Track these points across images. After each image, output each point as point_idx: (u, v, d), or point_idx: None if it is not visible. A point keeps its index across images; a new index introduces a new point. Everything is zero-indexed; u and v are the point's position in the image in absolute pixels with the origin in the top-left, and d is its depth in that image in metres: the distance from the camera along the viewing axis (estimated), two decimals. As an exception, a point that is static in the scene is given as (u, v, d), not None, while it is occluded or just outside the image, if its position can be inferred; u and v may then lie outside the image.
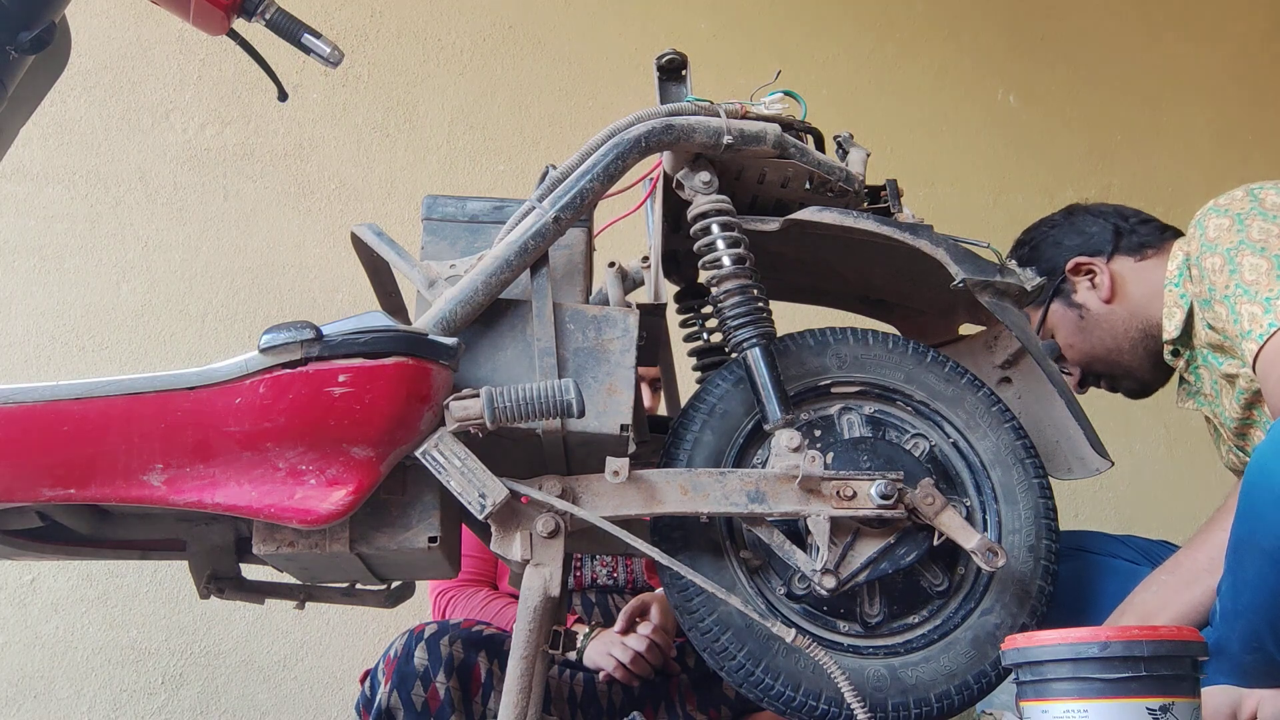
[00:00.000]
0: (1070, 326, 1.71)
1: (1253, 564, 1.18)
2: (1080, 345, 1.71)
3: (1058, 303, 1.73)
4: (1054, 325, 1.74)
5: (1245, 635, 1.22)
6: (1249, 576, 1.19)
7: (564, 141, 2.96)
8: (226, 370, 1.19)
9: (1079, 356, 1.72)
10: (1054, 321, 1.73)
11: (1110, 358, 1.69)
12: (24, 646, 2.49)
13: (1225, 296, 1.40)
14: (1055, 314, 1.73)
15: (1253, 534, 1.18)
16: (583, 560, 2.06)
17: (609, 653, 1.85)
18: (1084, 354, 1.71)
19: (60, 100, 2.72)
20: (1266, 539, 1.15)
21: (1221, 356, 1.50)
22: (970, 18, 3.35)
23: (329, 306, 2.71)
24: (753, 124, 1.39)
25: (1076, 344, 1.72)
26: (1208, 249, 1.44)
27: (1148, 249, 1.67)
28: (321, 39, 1.49)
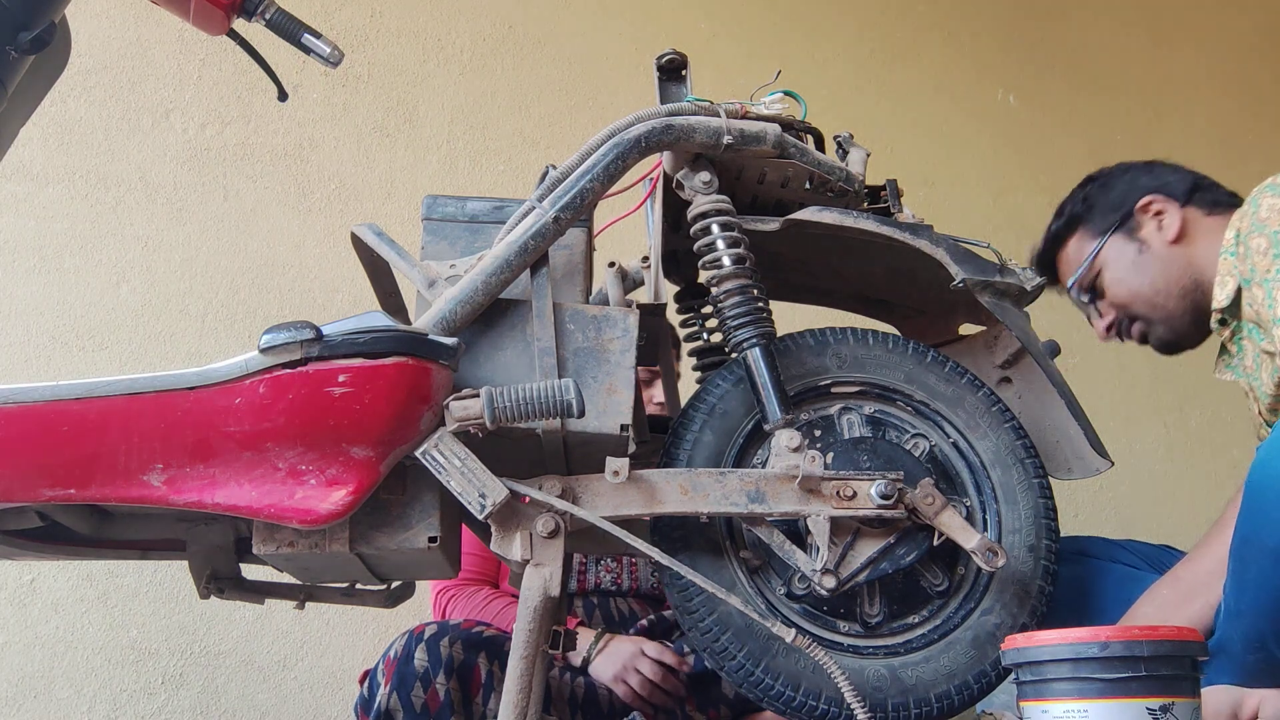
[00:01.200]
0: (1125, 261, 1.71)
1: (1256, 563, 1.18)
2: (1130, 282, 1.70)
3: (1119, 236, 1.73)
4: (1106, 260, 1.73)
5: (1247, 635, 1.21)
6: (1252, 576, 1.19)
7: (564, 141, 2.96)
8: (226, 370, 1.19)
9: (1124, 295, 1.71)
10: (1108, 256, 1.73)
11: (1156, 300, 1.69)
12: (24, 646, 2.49)
13: (1265, 280, 1.41)
14: (1113, 247, 1.72)
15: (1257, 533, 1.18)
16: (586, 565, 2.06)
17: (623, 679, 1.85)
18: (1130, 292, 1.71)
19: (60, 100, 2.72)
20: (1271, 538, 1.15)
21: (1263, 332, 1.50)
22: (970, 18, 3.35)
23: (329, 306, 2.71)
24: (753, 124, 1.39)
25: (1126, 280, 1.71)
26: (1256, 229, 1.44)
27: (1219, 207, 1.68)
28: (321, 39, 1.49)
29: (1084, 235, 1.78)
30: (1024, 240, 3.12)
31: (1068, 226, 1.81)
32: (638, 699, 1.86)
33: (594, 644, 1.92)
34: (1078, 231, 1.79)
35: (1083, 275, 1.76)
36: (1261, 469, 1.19)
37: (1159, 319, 1.70)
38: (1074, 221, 1.80)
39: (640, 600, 2.08)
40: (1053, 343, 1.64)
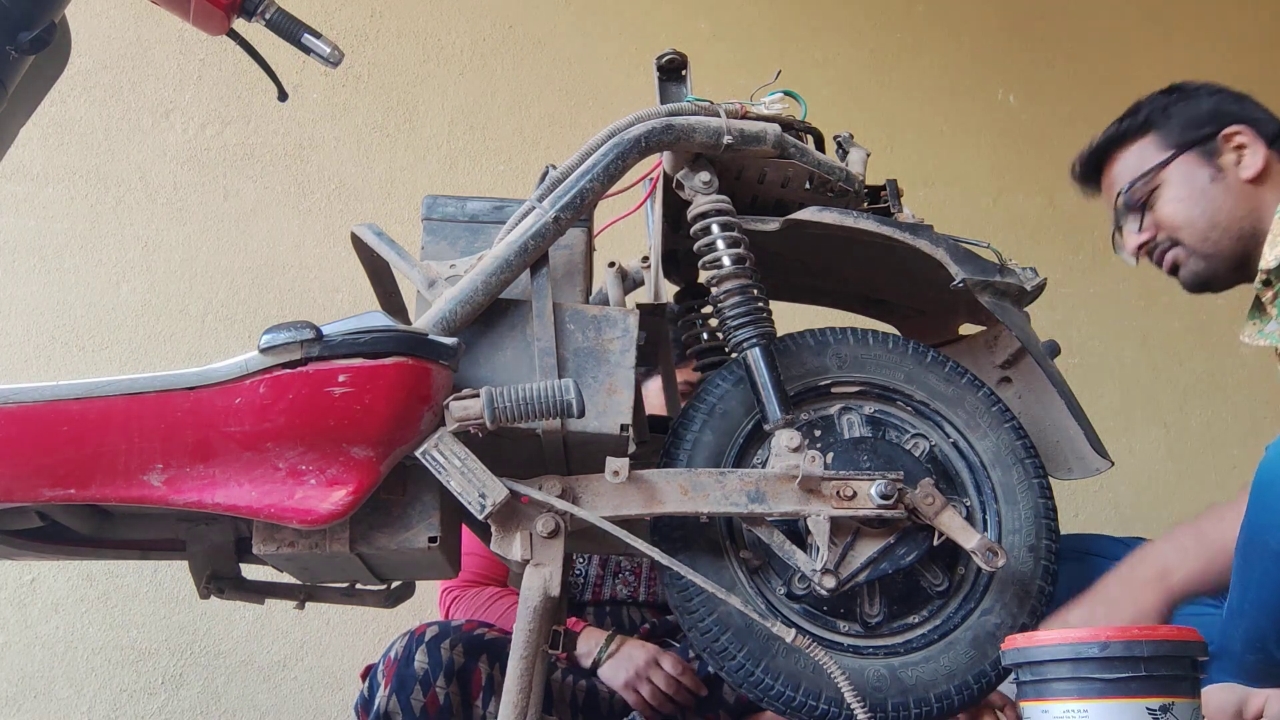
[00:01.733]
0: (1193, 184, 1.61)
1: (1260, 564, 1.17)
2: (1189, 207, 1.60)
3: (1193, 155, 1.62)
4: (1170, 177, 1.63)
5: (1248, 635, 1.21)
6: (1255, 576, 1.18)
7: (564, 141, 2.95)
8: (226, 370, 1.19)
9: (1178, 218, 1.61)
10: (1175, 173, 1.63)
11: (1210, 235, 1.60)
12: (24, 646, 2.49)
13: None
14: (1183, 165, 1.62)
15: (1261, 534, 1.16)
16: (602, 578, 2.05)
17: (634, 687, 1.85)
18: (1186, 218, 1.61)
19: (60, 100, 2.71)
20: (1275, 539, 1.14)
21: None
22: (970, 17, 3.34)
23: (329, 306, 2.71)
24: (753, 124, 1.39)
25: (1186, 204, 1.61)
26: None
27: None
28: (321, 39, 1.49)
29: (1154, 143, 1.66)
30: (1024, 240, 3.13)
31: (1138, 129, 1.68)
32: (646, 707, 1.85)
33: (605, 646, 1.91)
34: (1147, 137, 1.68)
35: (1141, 185, 1.65)
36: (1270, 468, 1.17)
37: (1203, 254, 1.61)
38: (1147, 126, 1.68)
39: (656, 611, 2.08)
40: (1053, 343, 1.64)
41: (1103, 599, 1.35)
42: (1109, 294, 3.20)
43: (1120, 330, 3.21)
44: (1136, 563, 1.40)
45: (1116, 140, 1.70)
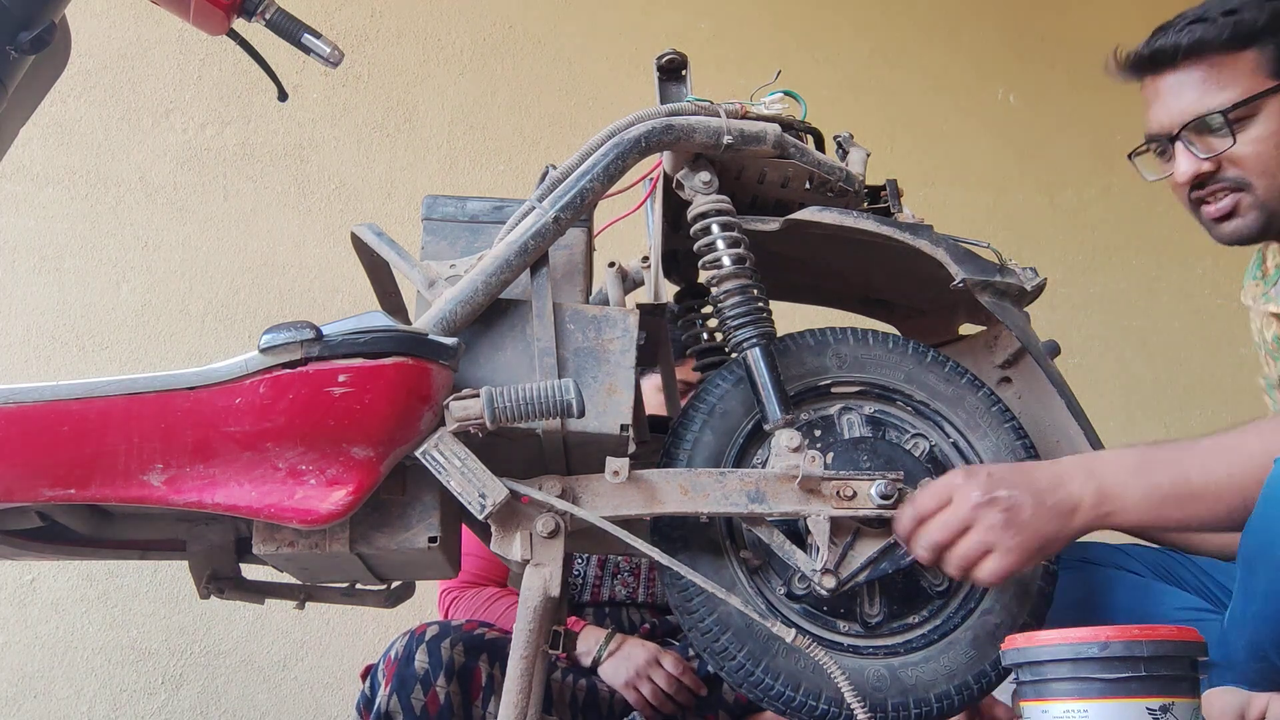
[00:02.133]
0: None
1: (1265, 574, 1.15)
2: (1277, 151, 1.41)
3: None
4: (1267, 108, 1.40)
5: (1249, 643, 1.20)
6: (1260, 587, 1.16)
7: (564, 141, 2.96)
8: (226, 370, 1.19)
9: (1260, 160, 1.41)
10: (1273, 107, 1.41)
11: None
12: (24, 646, 2.49)
13: None
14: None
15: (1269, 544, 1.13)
16: (601, 579, 2.05)
17: (635, 686, 1.85)
18: (1267, 164, 1.41)
19: (60, 100, 2.72)
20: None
21: None
22: (970, 17, 3.35)
23: (329, 306, 2.71)
24: (753, 124, 1.39)
25: (1275, 144, 1.40)
26: None
27: None
28: (321, 39, 1.49)
29: (1255, 61, 1.41)
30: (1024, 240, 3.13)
31: (1242, 38, 1.41)
32: (646, 706, 1.85)
33: (605, 644, 1.91)
34: (1250, 50, 1.41)
35: (1235, 109, 1.41)
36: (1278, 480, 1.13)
37: (1270, 209, 1.43)
38: (1254, 36, 1.41)
39: (655, 612, 2.08)
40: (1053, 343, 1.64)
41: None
42: (1109, 294, 3.21)
43: (1120, 330, 3.21)
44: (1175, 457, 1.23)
45: (1209, 44, 1.42)
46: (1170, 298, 3.20)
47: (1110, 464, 1.21)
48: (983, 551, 1.18)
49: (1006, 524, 1.17)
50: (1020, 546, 1.18)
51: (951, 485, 1.20)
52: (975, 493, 1.17)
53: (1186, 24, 1.44)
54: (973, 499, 1.17)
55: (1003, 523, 1.17)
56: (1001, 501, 1.17)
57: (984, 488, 1.17)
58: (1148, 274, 3.21)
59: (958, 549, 1.19)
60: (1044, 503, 1.18)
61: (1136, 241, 3.18)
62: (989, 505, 1.17)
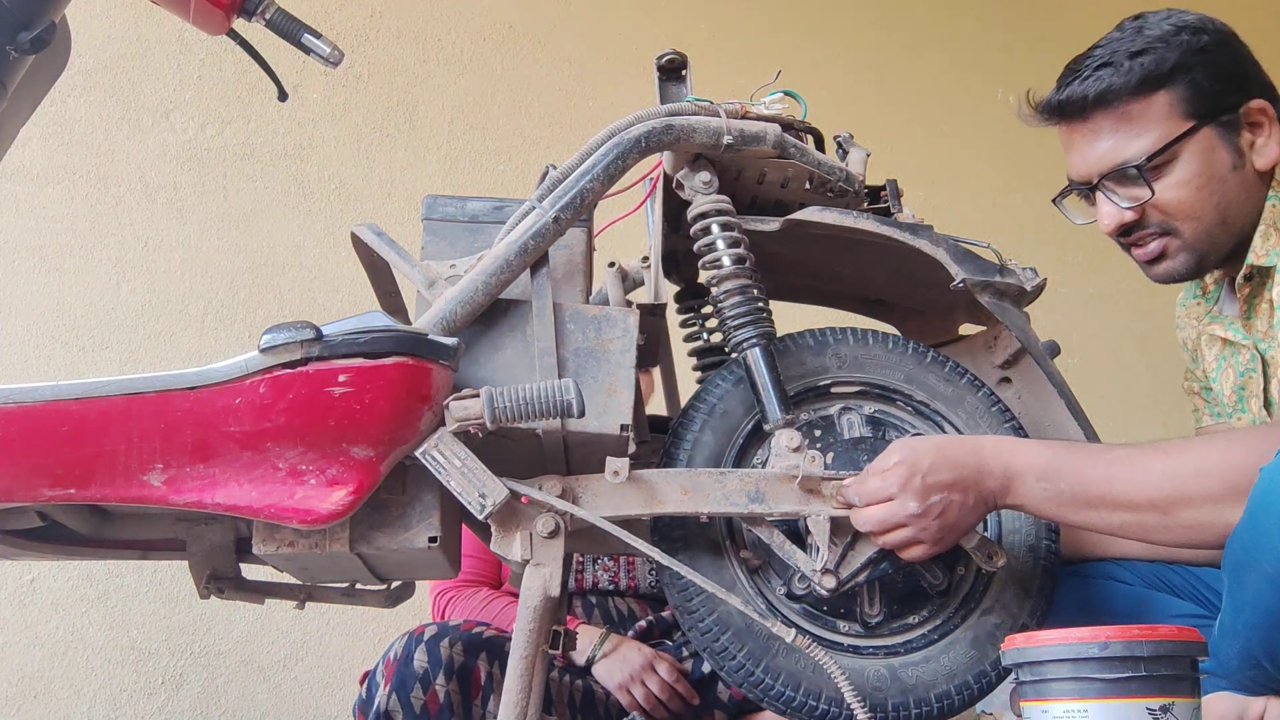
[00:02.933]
0: (1210, 168, 1.35)
1: (1253, 585, 1.15)
2: (1201, 196, 1.35)
3: (1213, 131, 1.35)
4: (1187, 153, 1.35)
5: (1241, 652, 1.20)
6: (1248, 597, 1.16)
7: (564, 141, 2.96)
8: (226, 370, 1.19)
9: (1184, 206, 1.36)
10: (1194, 149, 1.35)
11: (1213, 230, 1.37)
12: (24, 646, 2.49)
13: None
14: (1201, 144, 1.35)
15: (1254, 555, 1.13)
16: (584, 564, 2.06)
17: (628, 689, 1.85)
18: (1192, 208, 1.36)
19: (60, 100, 2.72)
20: (1269, 562, 1.11)
21: None
22: (970, 17, 3.35)
23: (329, 306, 2.72)
24: (753, 124, 1.39)
25: (1200, 190, 1.34)
26: None
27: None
28: (321, 39, 1.49)
29: (1172, 101, 1.35)
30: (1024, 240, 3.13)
31: (1151, 81, 1.35)
32: (638, 709, 1.86)
33: (599, 644, 1.91)
34: (1161, 93, 1.35)
35: (1151, 160, 1.35)
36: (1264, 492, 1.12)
37: (1199, 251, 1.39)
38: (1163, 78, 1.35)
39: (640, 600, 2.08)
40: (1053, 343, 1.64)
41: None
42: (1109, 294, 3.21)
43: (1120, 330, 3.21)
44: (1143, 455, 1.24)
45: (1117, 92, 1.36)
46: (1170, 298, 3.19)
47: (1022, 460, 1.25)
48: (911, 542, 1.25)
49: (938, 526, 1.23)
50: (944, 540, 1.25)
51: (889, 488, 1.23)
52: (912, 504, 1.22)
53: (1094, 69, 1.38)
54: (910, 509, 1.22)
55: (935, 526, 1.23)
56: (935, 509, 1.22)
57: (919, 496, 1.22)
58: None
59: (888, 538, 1.25)
60: (968, 499, 1.24)
61: (1136, 241, 3.18)
62: (923, 515, 1.22)
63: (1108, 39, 1.41)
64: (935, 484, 1.22)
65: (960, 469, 1.23)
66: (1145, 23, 1.39)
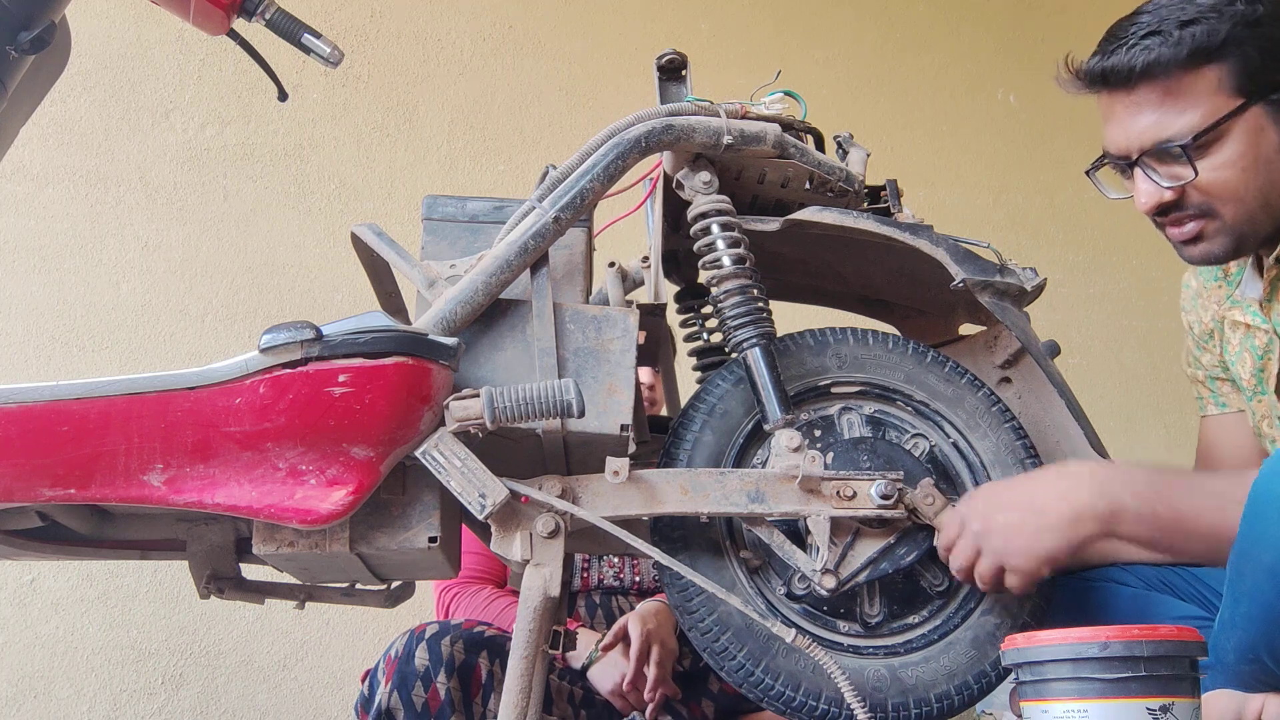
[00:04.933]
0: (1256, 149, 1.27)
1: (1252, 576, 1.15)
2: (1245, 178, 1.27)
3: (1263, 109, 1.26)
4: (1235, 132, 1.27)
5: (1240, 645, 1.20)
6: (1247, 589, 1.17)
7: (564, 141, 2.96)
8: (226, 370, 1.19)
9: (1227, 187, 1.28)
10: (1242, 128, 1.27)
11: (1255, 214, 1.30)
12: (24, 646, 2.49)
13: None
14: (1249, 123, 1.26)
15: (1254, 547, 1.14)
16: (590, 561, 2.06)
17: (621, 695, 1.85)
18: (1235, 190, 1.28)
19: (60, 100, 2.72)
20: (1267, 553, 1.11)
21: None
22: (970, 17, 3.35)
23: (329, 306, 2.72)
24: (753, 124, 1.39)
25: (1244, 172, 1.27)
26: None
27: None
28: (321, 39, 1.49)
29: (1220, 77, 1.26)
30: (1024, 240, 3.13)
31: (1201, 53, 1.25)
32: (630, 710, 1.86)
33: (595, 649, 1.91)
34: (1211, 67, 1.26)
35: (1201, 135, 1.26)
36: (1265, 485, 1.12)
37: (1238, 234, 1.32)
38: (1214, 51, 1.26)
39: (643, 598, 2.08)
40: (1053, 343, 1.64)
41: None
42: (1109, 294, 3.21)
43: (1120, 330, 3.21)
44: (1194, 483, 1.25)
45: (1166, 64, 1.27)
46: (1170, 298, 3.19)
47: (1119, 481, 1.25)
48: (998, 569, 1.27)
49: (1007, 545, 1.25)
50: (1026, 561, 1.25)
51: (960, 515, 1.28)
52: (975, 524, 1.26)
53: (1140, 37, 1.29)
54: (974, 530, 1.26)
55: (1003, 544, 1.25)
56: (999, 528, 1.25)
57: (982, 517, 1.25)
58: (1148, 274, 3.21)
59: (978, 570, 1.28)
60: (1045, 518, 1.24)
61: (1136, 241, 3.18)
62: (988, 533, 1.25)
63: (1155, 3, 1.31)
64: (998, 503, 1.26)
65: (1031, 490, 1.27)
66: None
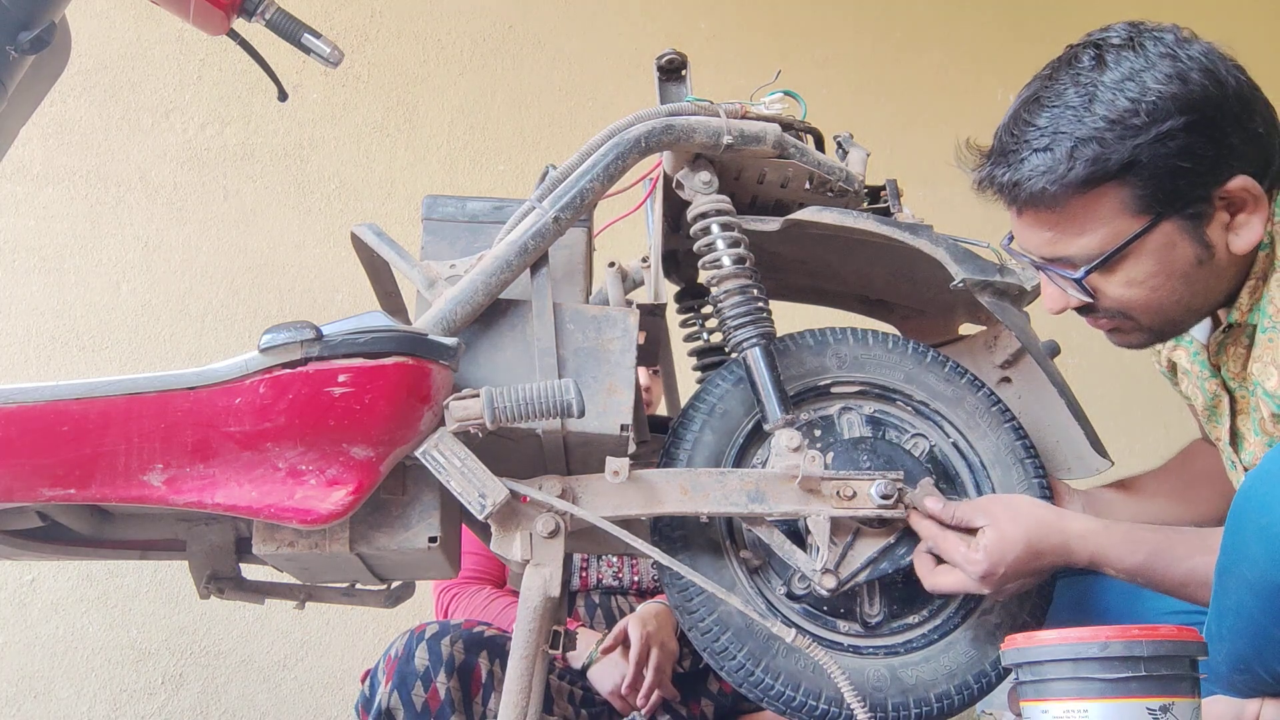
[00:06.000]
0: (1167, 267, 1.17)
1: (1235, 592, 1.15)
2: (1159, 294, 1.19)
3: (1175, 225, 1.15)
4: (1140, 251, 1.16)
5: (1231, 657, 1.20)
6: (1231, 603, 1.17)
7: (564, 141, 2.96)
8: (226, 370, 1.19)
9: (1137, 301, 1.20)
10: (1145, 248, 1.16)
11: (1174, 317, 1.22)
12: (24, 646, 2.49)
13: None
14: (1158, 240, 1.16)
15: (1236, 563, 1.14)
16: (589, 561, 2.06)
17: (620, 695, 1.85)
18: (1148, 303, 1.20)
19: (60, 100, 2.72)
20: (1249, 569, 1.12)
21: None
22: (969, 17, 3.35)
23: (329, 306, 2.71)
24: (753, 124, 1.39)
25: (1157, 290, 1.19)
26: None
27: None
28: (321, 39, 1.49)
29: (1120, 198, 1.15)
30: (1024, 240, 3.13)
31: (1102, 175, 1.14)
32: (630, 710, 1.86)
33: (595, 650, 1.91)
34: (1113, 184, 1.15)
35: (1101, 260, 1.18)
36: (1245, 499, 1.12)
37: (1160, 331, 1.26)
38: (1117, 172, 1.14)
39: (642, 598, 2.08)
40: (1053, 343, 1.64)
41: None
42: (1109, 294, 3.20)
43: (1120, 330, 3.20)
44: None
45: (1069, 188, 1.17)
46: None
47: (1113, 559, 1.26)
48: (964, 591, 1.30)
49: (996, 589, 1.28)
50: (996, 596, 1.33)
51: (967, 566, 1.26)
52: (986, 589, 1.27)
53: (1031, 153, 1.19)
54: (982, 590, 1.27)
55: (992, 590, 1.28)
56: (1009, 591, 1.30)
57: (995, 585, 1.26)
58: (1148, 274, 3.20)
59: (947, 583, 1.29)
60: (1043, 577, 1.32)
61: (1136, 241, 3.18)
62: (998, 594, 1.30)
63: (1054, 106, 1.19)
64: (1013, 574, 1.25)
65: (1042, 561, 1.26)
66: (1099, 84, 1.16)
